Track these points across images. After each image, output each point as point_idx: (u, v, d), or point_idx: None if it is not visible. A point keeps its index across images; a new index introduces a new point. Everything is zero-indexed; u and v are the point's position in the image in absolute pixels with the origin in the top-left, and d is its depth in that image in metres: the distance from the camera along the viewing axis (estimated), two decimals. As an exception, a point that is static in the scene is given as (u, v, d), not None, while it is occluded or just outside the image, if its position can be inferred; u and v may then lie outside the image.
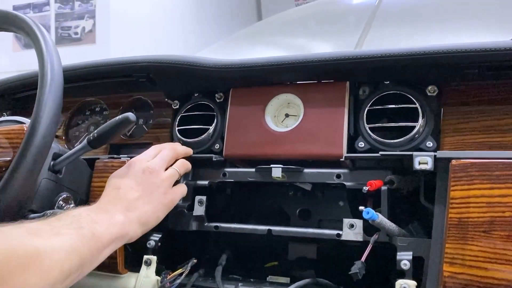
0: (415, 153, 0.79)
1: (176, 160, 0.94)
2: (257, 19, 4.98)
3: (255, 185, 1.09)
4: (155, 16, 4.00)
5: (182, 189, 0.93)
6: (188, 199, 0.97)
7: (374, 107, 0.92)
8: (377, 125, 0.90)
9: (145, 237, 0.96)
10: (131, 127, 0.89)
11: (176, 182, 0.93)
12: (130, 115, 0.85)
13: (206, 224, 0.95)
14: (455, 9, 1.64)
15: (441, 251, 0.73)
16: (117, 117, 0.85)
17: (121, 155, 1.03)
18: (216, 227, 0.94)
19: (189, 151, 0.99)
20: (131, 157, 0.99)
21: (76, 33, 4.12)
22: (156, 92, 1.14)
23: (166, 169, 0.90)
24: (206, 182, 0.97)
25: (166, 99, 1.10)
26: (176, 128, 1.06)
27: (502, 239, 0.68)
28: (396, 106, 0.89)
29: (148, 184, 0.85)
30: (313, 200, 1.10)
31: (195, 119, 1.06)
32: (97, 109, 1.25)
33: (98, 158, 1.03)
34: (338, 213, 1.06)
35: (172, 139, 1.09)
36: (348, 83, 0.94)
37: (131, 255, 0.98)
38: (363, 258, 0.79)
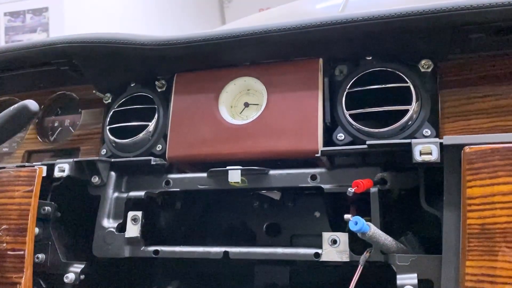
0: (414, 140, 0.60)
1: None
2: (221, 25, 4.82)
3: (211, 196, 0.87)
4: (114, 24, 3.77)
5: None
6: (119, 217, 0.74)
7: (355, 89, 0.72)
8: (359, 111, 0.71)
9: (63, 268, 0.72)
10: (33, 119, 0.66)
11: None
12: (30, 102, 0.63)
13: (142, 248, 0.72)
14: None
15: (459, 271, 0.53)
16: (12, 107, 0.63)
17: (34, 163, 0.80)
18: (156, 251, 0.71)
19: None
20: (47, 165, 0.76)
21: (28, 47, 3.84)
22: (85, 86, 0.92)
23: None
24: (142, 193, 0.74)
25: (95, 92, 0.88)
26: (107, 127, 0.83)
27: (542, 251, 0.49)
28: (383, 86, 0.71)
29: None
30: (283, 211, 0.89)
31: (132, 115, 0.84)
32: (14, 110, 1.01)
33: (3, 168, 0.79)
34: (314, 227, 0.86)
35: (103, 142, 0.86)
36: (321, 60, 0.75)
37: (45, 294, 0.74)
38: (351, 286, 0.58)
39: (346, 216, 0.57)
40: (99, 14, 3.84)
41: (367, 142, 0.64)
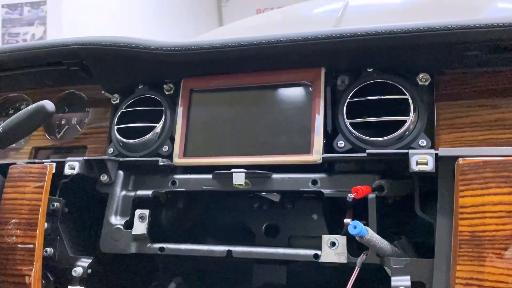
0: (411, 151, 0.63)
1: None
2: (219, 26, 4.84)
3: (213, 197, 0.90)
4: (111, 21, 3.78)
5: None
6: (126, 214, 0.77)
7: (356, 99, 0.76)
8: (359, 120, 0.75)
9: (70, 262, 0.75)
10: (48, 119, 0.68)
11: None
12: (47, 103, 0.65)
13: (148, 245, 0.75)
14: (419, 19, 1.55)
15: (449, 275, 0.57)
16: (30, 107, 0.66)
17: (44, 160, 0.82)
18: (162, 248, 0.74)
19: None
20: (57, 162, 0.79)
21: (25, 40, 3.83)
22: (93, 85, 0.95)
23: None
24: (149, 192, 0.77)
25: (103, 92, 0.91)
26: (115, 127, 0.86)
27: (527, 258, 0.53)
28: (382, 98, 0.74)
29: None
30: (282, 213, 0.92)
31: (139, 116, 0.86)
32: (22, 106, 1.03)
33: (14, 163, 0.82)
34: (311, 229, 0.89)
35: (110, 141, 0.89)
36: (323, 69, 0.78)
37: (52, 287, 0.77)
38: (348, 286, 0.61)
39: (346, 220, 0.61)
40: (96, 8, 3.84)
41: (367, 151, 0.67)
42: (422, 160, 0.62)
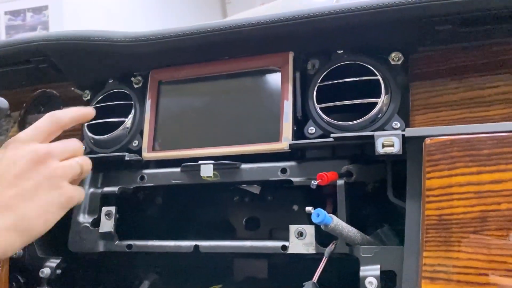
0: (377, 133, 0.60)
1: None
2: (222, 18, 4.81)
3: (192, 191, 0.88)
4: (113, 20, 3.78)
5: (81, 191, 0.64)
6: (94, 212, 0.75)
7: (326, 83, 0.72)
8: (329, 104, 0.71)
9: (40, 263, 0.74)
10: (3, 116, 0.67)
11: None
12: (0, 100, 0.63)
13: (116, 243, 0.73)
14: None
15: (418, 262, 0.54)
16: (-19, 105, 0.64)
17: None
18: (129, 246, 0.72)
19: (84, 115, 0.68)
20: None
21: (28, 46, 3.87)
22: (66, 83, 0.93)
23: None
24: (116, 189, 0.75)
25: (73, 89, 0.89)
26: (85, 124, 0.84)
27: (498, 240, 0.49)
28: (352, 80, 0.71)
29: (33, 174, 0.57)
30: (262, 205, 0.89)
31: (111, 112, 0.84)
32: (-2, 108, 1.02)
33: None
34: (292, 220, 0.85)
35: (83, 138, 0.87)
36: (291, 53, 0.75)
37: (23, 289, 0.75)
38: (314, 278, 0.59)
39: (308, 208, 0.58)
40: (98, 11, 3.84)
41: (332, 135, 0.64)
42: (388, 142, 0.59)
